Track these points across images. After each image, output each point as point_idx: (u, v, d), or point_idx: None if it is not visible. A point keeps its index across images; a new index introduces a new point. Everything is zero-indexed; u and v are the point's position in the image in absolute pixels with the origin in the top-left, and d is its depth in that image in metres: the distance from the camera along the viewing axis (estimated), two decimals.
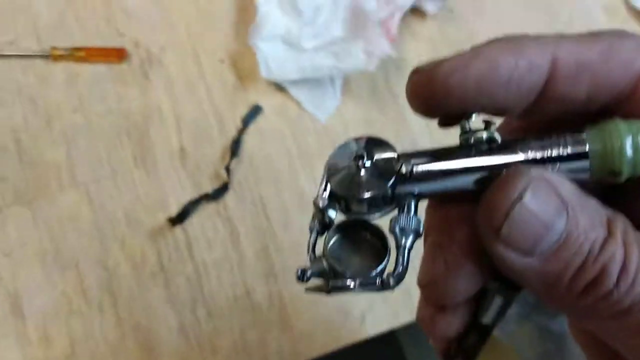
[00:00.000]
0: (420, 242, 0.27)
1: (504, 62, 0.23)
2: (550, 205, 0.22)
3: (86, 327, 0.58)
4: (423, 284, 0.27)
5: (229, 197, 0.63)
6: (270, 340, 0.61)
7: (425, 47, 0.72)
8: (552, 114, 0.26)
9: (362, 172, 0.26)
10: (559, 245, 0.22)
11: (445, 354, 0.31)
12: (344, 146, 0.27)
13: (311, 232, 0.27)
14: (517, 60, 0.23)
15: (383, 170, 0.26)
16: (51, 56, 0.63)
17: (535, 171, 0.23)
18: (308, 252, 0.27)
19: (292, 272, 0.65)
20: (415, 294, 0.28)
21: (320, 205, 0.26)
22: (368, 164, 0.26)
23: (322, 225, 0.27)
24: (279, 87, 0.67)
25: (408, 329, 0.65)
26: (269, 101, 0.66)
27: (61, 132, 0.62)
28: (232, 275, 0.61)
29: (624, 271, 0.22)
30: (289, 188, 0.64)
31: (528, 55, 0.23)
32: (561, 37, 0.24)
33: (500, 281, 0.27)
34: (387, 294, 0.66)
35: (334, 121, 0.67)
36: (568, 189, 0.23)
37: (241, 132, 0.64)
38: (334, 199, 0.26)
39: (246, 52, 0.67)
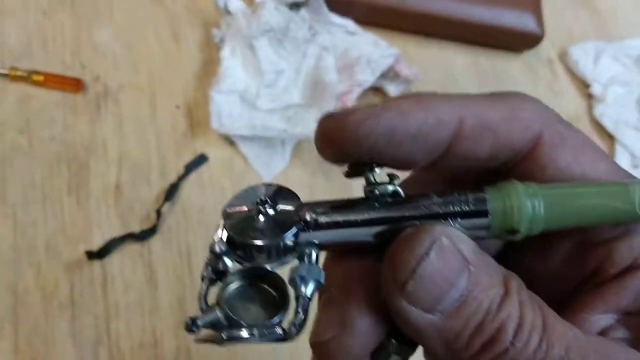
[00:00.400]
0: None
1: (413, 116, 0.24)
2: (454, 263, 0.23)
3: None
4: (316, 341, 0.26)
5: (155, 242, 0.62)
6: None
7: None
8: (455, 168, 0.27)
9: (262, 218, 0.25)
10: (460, 303, 0.23)
11: None
12: (246, 191, 0.27)
13: (203, 280, 0.25)
14: (426, 115, 0.24)
15: (284, 217, 0.25)
16: (9, 75, 0.64)
17: (440, 228, 0.24)
18: (199, 301, 0.25)
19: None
20: None
21: (217, 250, 0.25)
22: (270, 211, 0.25)
23: (216, 272, 0.25)
24: (229, 141, 0.67)
25: None
26: (217, 153, 0.67)
27: (2, 150, 0.62)
28: (143, 321, 0.60)
29: (520, 329, 0.23)
30: None
31: (437, 112, 0.24)
32: (467, 97, 0.25)
33: (397, 339, 0.27)
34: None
35: (278, 181, 0.67)
36: (469, 247, 0.24)
37: (181, 178, 0.64)
38: (232, 246, 0.25)
39: (204, 102, 0.68)
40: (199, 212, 0.64)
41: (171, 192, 0.63)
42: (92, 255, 0.59)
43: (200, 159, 0.66)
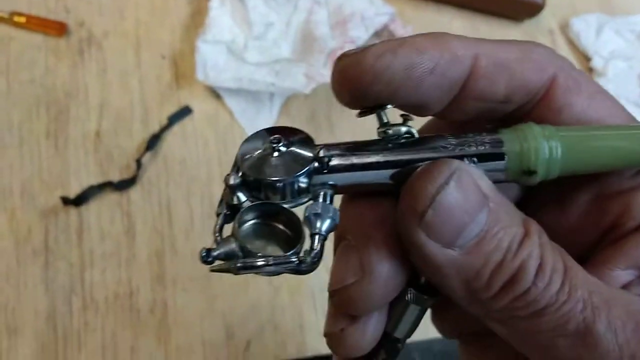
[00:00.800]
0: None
1: (429, 52, 0.23)
2: (473, 197, 0.22)
3: None
4: (335, 289, 0.26)
5: (135, 192, 0.60)
6: (143, 348, 0.57)
7: None
8: (470, 112, 0.26)
9: (277, 157, 0.25)
10: (480, 239, 0.22)
11: None
12: (261, 131, 0.26)
13: (218, 216, 0.25)
14: (441, 52, 0.24)
15: (299, 157, 0.25)
16: None
17: (458, 162, 0.23)
18: (214, 234, 0.24)
19: (184, 282, 0.62)
20: (308, 327, 0.25)
21: (231, 182, 0.24)
22: (284, 148, 0.25)
23: (231, 208, 0.25)
24: (215, 94, 0.65)
25: None
26: (201, 106, 0.65)
27: None
28: (119, 272, 0.58)
29: (541, 270, 0.22)
30: (200, 196, 0.62)
31: (452, 49, 0.24)
32: (480, 39, 0.25)
33: (416, 288, 0.27)
34: (279, 321, 0.62)
35: None
36: (488, 184, 0.23)
37: (164, 129, 0.62)
38: (246, 186, 0.25)
39: (190, 53, 0.66)
40: (181, 164, 0.62)
41: (153, 143, 0.61)
42: (67, 202, 0.58)
43: (184, 111, 0.64)
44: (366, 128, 0.74)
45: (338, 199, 0.26)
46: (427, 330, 0.31)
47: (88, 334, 0.56)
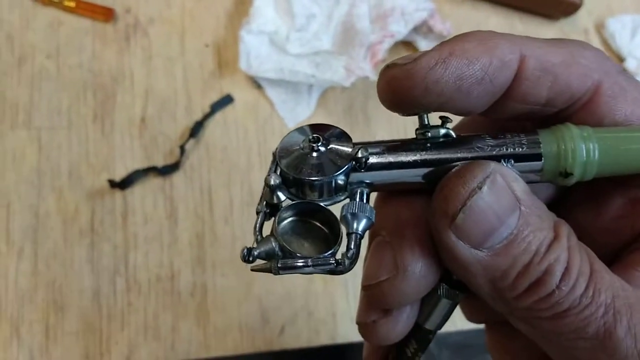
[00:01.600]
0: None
1: (479, 60, 0.23)
2: (506, 201, 0.23)
3: (0, 268, 0.57)
4: (368, 284, 0.26)
5: (177, 177, 0.62)
6: (183, 328, 0.59)
7: None
8: (511, 113, 0.26)
9: (315, 155, 0.25)
10: (509, 242, 0.23)
11: None
12: (300, 130, 0.26)
13: (258, 214, 0.26)
14: (490, 58, 0.24)
15: (337, 156, 0.25)
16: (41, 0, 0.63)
17: (494, 165, 0.24)
18: (255, 233, 0.25)
19: (222, 267, 0.64)
20: (341, 315, 0.26)
21: (272, 182, 0.25)
22: (322, 148, 0.25)
23: (271, 207, 0.25)
24: (256, 84, 0.67)
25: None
26: (243, 95, 0.66)
27: (30, 73, 0.62)
28: (161, 255, 0.60)
29: (567, 274, 0.22)
30: (239, 183, 0.64)
31: (500, 53, 0.24)
32: (527, 38, 0.25)
33: (448, 283, 0.27)
34: (312, 308, 0.64)
35: None
36: (522, 187, 0.24)
37: (206, 116, 0.64)
38: (285, 183, 0.25)
39: (233, 43, 0.67)
40: (222, 151, 0.64)
41: (196, 130, 0.63)
42: (114, 185, 0.59)
43: (226, 99, 0.65)
44: (402, 122, 0.75)
45: (373, 196, 0.27)
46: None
47: (131, 314, 0.58)
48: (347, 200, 0.26)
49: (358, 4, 0.67)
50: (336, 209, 0.25)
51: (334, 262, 0.24)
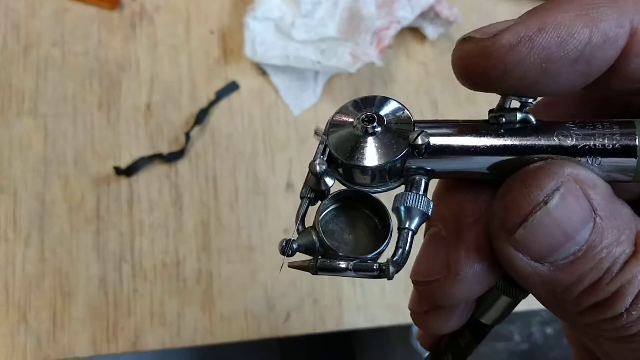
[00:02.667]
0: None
1: (576, 36, 0.19)
2: (578, 214, 0.20)
3: (8, 255, 0.57)
4: (419, 281, 0.24)
5: (183, 165, 0.62)
6: (189, 315, 0.59)
7: (417, 69, 0.71)
8: (612, 92, 0.22)
9: (370, 137, 0.22)
10: (576, 258, 0.20)
11: (433, 348, 0.29)
12: (346, 107, 0.23)
13: (302, 200, 0.23)
14: (591, 33, 0.20)
15: (395, 138, 0.22)
16: None
17: (571, 169, 0.20)
18: (297, 222, 0.23)
19: (228, 254, 0.64)
20: (347, 302, 0.25)
21: (317, 170, 0.22)
22: (379, 129, 0.22)
23: (317, 193, 0.23)
24: (261, 71, 0.66)
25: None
26: (248, 82, 0.66)
27: (35, 61, 0.62)
28: (167, 242, 0.60)
29: None
30: (245, 170, 0.63)
31: (605, 27, 0.20)
32: None
33: (509, 280, 0.25)
34: (318, 295, 0.64)
35: (307, 116, 0.66)
36: (602, 193, 0.20)
37: (212, 104, 0.64)
38: (332, 166, 0.23)
39: (238, 30, 0.67)
40: (228, 138, 0.64)
41: (201, 117, 0.63)
42: (120, 172, 0.60)
43: (232, 87, 0.65)
44: (410, 106, 0.74)
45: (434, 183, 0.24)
46: None
47: (137, 301, 0.58)
48: (403, 187, 0.23)
49: None
50: (388, 198, 0.23)
51: (377, 268, 0.21)
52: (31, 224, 0.58)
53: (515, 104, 0.22)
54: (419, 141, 0.21)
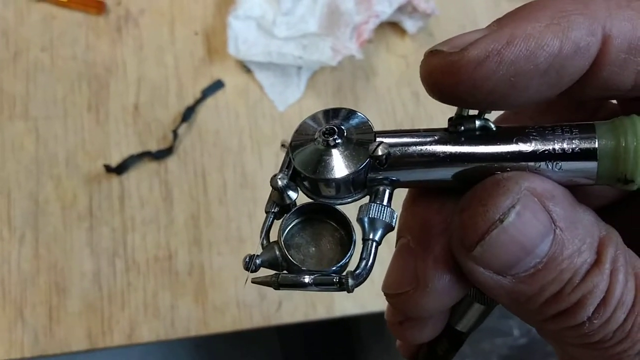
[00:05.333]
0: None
1: (545, 48, 0.19)
2: (537, 228, 0.20)
3: (3, 254, 0.59)
4: (390, 293, 0.24)
5: (171, 161, 0.64)
6: (182, 307, 0.61)
7: (397, 62, 0.73)
8: (582, 100, 0.22)
9: (332, 149, 0.22)
10: (537, 270, 0.20)
11: (413, 357, 0.29)
12: (315, 117, 0.23)
13: (267, 214, 0.23)
14: (561, 43, 0.19)
15: (356, 150, 0.22)
16: None
17: (528, 183, 0.20)
18: (261, 237, 0.23)
19: (218, 246, 0.65)
20: None
21: (279, 184, 0.22)
22: (339, 140, 0.22)
23: (281, 207, 0.23)
24: (245, 69, 0.68)
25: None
26: (233, 80, 0.68)
27: (25, 67, 0.64)
28: (158, 236, 0.62)
29: (602, 305, 0.20)
30: (232, 166, 0.65)
31: (575, 36, 0.19)
32: (618, 6, 0.20)
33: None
34: None
35: (291, 111, 0.68)
36: (561, 203, 0.20)
37: (198, 101, 0.66)
38: (298, 179, 0.23)
39: (222, 30, 0.69)
40: (214, 135, 0.66)
41: (188, 115, 0.65)
42: (110, 170, 0.61)
43: (217, 85, 0.67)
44: (390, 101, 0.76)
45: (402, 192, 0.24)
46: None
47: (131, 294, 0.60)
48: (367, 198, 0.23)
49: None
50: (352, 209, 0.23)
51: (337, 281, 0.22)
52: (25, 222, 0.60)
53: (473, 111, 0.22)
54: (379, 152, 0.22)
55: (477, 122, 0.22)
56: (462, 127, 0.22)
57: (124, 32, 0.67)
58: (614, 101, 0.24)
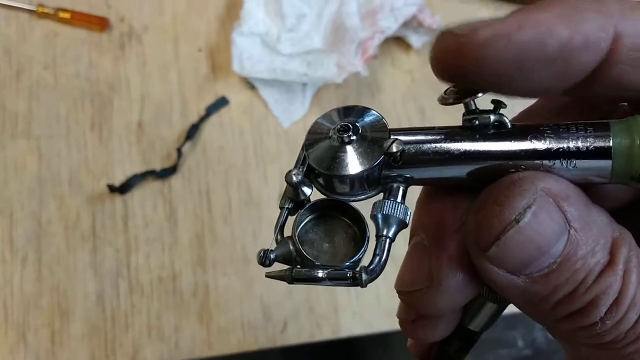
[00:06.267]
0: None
1: (555, 35, 0.19)
2: (551, 228, 0.20)
3: (5, 275, 0.58)
4: (403, 290, 0.24)
5: (176, 180, 0.63)
6: (186, 328, 0.60)
7: (402, 77, 0.72)
8: (596, 97, 0.22)
9: (346, 146, 0.22)
10: (551, 271, 0.20)
11: (424, 357, 0.29)
12: (328, 116, 0.24)
13: (281, 210, 0.24)
14: (571, 34, 0.19)
15: (371, 146, 0.22)
16: (36, 12, 0.65)
17: (543, 183, 0.20)
18: (275, 231, 0.23)
19: (223, 266, 0.65)
20: (342, 309, 0.25)
21: (293, 180, 0.23)
22: (354, 137, 0.22)
23: (295, 203, 0.23)
24: (250, 86, 0.68)
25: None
26: (237, 97, 0.67)
27: (28, 84, 0.64)
28: (162, 256, 0.61)
29: (615, 305, 0.20)
30: (237, 184, 0.64)
31: (586, 29, 0.19)
32: (633, 8, 0.20)
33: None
34: (314, 303, 0.65)
35: (296, 128, 0.68)
36: (575, 204, 0.20)
37: (202, 119, 0.65)
38: (312, 175, 0.23)
39: (226, 46, 0.68)
40: (219, 152, 0.65)
41: (192, 132, 0.64)
42: (114, 189, 0.61)
43: (221, 102, 0.66)
44: (396, 116, 0.75)
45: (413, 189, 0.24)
46: None
47: (135, 316, 0.59)
48: (381, 194, 0.23)
49: (347, 2, 0.68)
50: (368, 204, 0.23)
51: (350, 276, 0.22)
52: (28, 243, 0.59)
53: (488, 105, 0.22)
54: (393, 149, 0.22)
55: (492, 117, 0.22)
56: (477, 122, 0.22)
57: (127, 49, 0.67)
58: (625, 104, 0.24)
